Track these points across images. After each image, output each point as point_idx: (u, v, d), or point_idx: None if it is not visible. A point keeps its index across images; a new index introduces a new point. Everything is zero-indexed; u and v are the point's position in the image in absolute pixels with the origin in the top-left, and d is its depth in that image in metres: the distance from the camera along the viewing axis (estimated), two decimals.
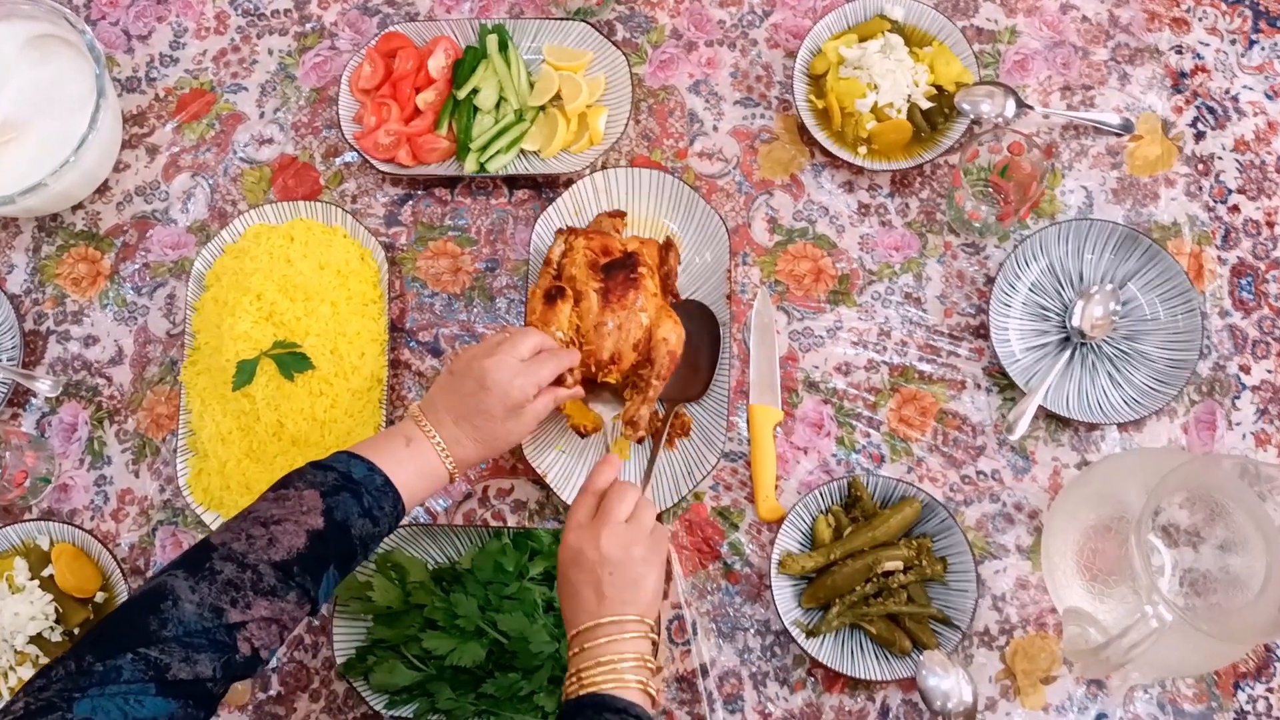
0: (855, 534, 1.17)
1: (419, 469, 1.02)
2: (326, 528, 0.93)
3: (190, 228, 1.39)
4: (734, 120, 1.37)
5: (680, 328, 1.18)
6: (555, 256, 1.22)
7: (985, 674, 1.16)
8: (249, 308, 1.24)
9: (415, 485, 1.01)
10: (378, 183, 1.38)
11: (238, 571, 0.89)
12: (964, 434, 1.24)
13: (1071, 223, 1.26)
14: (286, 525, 0.92)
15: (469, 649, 1.13)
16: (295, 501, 0.94)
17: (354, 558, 0.97)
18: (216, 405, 1.25)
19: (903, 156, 1.31)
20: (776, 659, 1.18)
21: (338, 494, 0.95)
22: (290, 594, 0.90)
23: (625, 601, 0.95)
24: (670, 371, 1.17)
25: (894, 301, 1.29)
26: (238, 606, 0.87)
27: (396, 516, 1.00)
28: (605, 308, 1.17)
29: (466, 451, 1.05)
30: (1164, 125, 1.33)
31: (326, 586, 0.94)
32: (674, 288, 1.24)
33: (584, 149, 1.34)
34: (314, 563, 0.92)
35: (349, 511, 0.95)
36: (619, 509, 0.99)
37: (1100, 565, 1.09)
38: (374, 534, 0.98)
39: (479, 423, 1.05)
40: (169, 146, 1.42)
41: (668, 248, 1.25)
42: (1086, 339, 1.23)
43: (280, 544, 0.91)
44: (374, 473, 0.99)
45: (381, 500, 0.98)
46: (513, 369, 1.05)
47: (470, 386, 1.05)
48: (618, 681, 0.91)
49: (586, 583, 0.96)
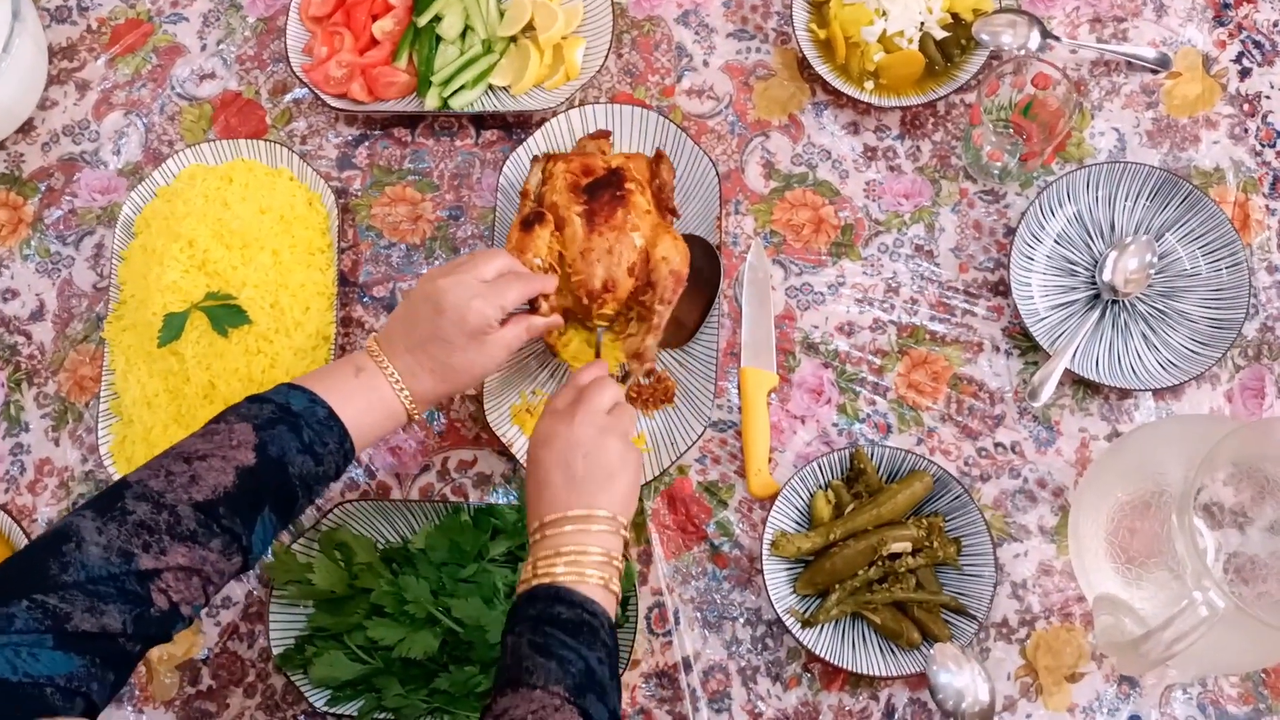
0: (858, 512, 1.05)
1: (370, 402, 0.91)
2: (259, 464, 0.83)
3: (122, 170, 1.26)
4: (726, 54, 1.24)
5: (682, 243, 1.07)
6: (533, 186, 1.12)
7: (1003, 670, 1.05)
8: (179, 256, 1.12)
9: (365, 421, 0.91)
10: (330, 122, 1.25)
11: (152, 512, 0.78)
12: (981, 402, 1.11)
13: (1103, 166, 1.13)
14: (212, 461, 0.82)
15: (420, 639, 1.01)
16: (224, 435, 0.84)
17: (294, 500, 0.86)
18: (142, 365, 1.12)
19: (914, 92, 1.18)
20: (768, 652, 1.06)
21: (273, 427, 0.85)
22: (214, 541, 0.80)
23: (597, 491, 0.87)
24: (676, 294, 1.06)
25: (903, 254, 1.16)
26: (150, 552, 0.77)
27: (344, 455, 0.89)
28: (591, 232, 1.05)
29: (423, 384, 0.94)
30: (1205, 61, 1.21)
31: (262, 534, 0.84)
32: (671, 203, 1.12)
33: (559, 84, 1.22)
34: (245, 505, 0.82)
35: (286, 447, 0.85)
36: (600, 398, 0.92)
37: (1137, 547, 0.97)
38: (317, 474, 0.87)
39: (435, 350, 0.93)
40: (101, 82, 1.30)
41: (659, 159, 1.13)
42: (1119, 296, 1.11)
43: (204, 482, 0.81)
44: (316, 404, 0.88)
45: (325, 435, 0.87)
46: (471, 289, 0.93)
47: (426, 310, 0.94)
48: (578, 575, 0.84)
49: (556, 465, 0.88)
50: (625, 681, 1.06)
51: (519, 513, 1.06)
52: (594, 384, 0.94)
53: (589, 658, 0.80)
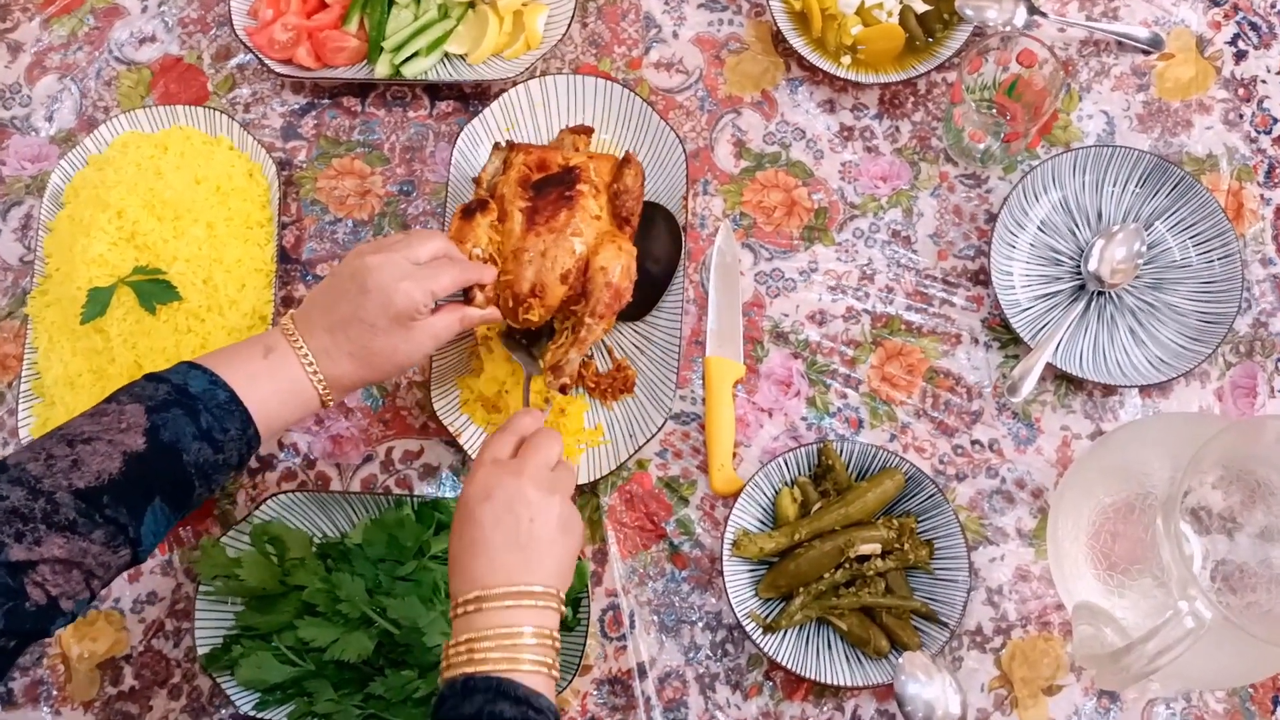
0: (825, 511, 1.00)
1: (278, 386, 0.84)
2: (149, 449, 0.77)
3: (54, 138, 1.19)
4: (697, 26, 1.17)
5: (628, 257, 1.00)
6: (487, 175, 1.05)
7: (976, 681, 0.99)
8: (107, 226, 1.05)
9: (272, 406, 0.84)
10: (275, 89, 1.18)
11: (27, 498, 0.73)
12: (958, 397, 1.05)
13: (1090, 150, 1.07)
14: (97, 445, 0.76)
15: (354, 641, 0.95)
16: (114, 417, 0.78)
17: (189, 489, 0.80)
18: (66, 343, 1.05)
19: (893, 69, 1.12)
20: (728, 659, 1.00)
21: (167, 410, 0.79)
22: (96, 531, 0.74)
23: (542, 559, 0.79)
24: (611, 310, 0.99)
25: (879, 240, 1.10)
26: (23, 542, 0.71)
27: (247, 443, 0.83)
28: (529, 231, 0.98)
29: (340, 367, 0.87)
30: (1199, 42, 1.15)
31: (154, 526, 0.78)
32: (629, 212, 1.03)
33: (519, 54, 1.15)
34: (132, 494, 0.76)
35: (180, 431, 0.79)
36: (548, 451, 0.84)
37: (1120, 553, 0.92)
38: (216, 462, 0.81)
39: (355, 333, 0.86)
40: (34, 44, 1.23)
41: (625, 163, 1.05)
42: (1105, 287, 1.05)
43: (86, 467, 0.75)
44: (217, 386, 0.82)
45: (225, 420, 0.81)
46: (401, 270, 0.86)
47: (350, 288, 0.87)
48: (517, 662, 0.76)
49: (498, 526, 0.79)
50: (575, 688, 1.00)
51: None
52: (540, 436, 0.85)
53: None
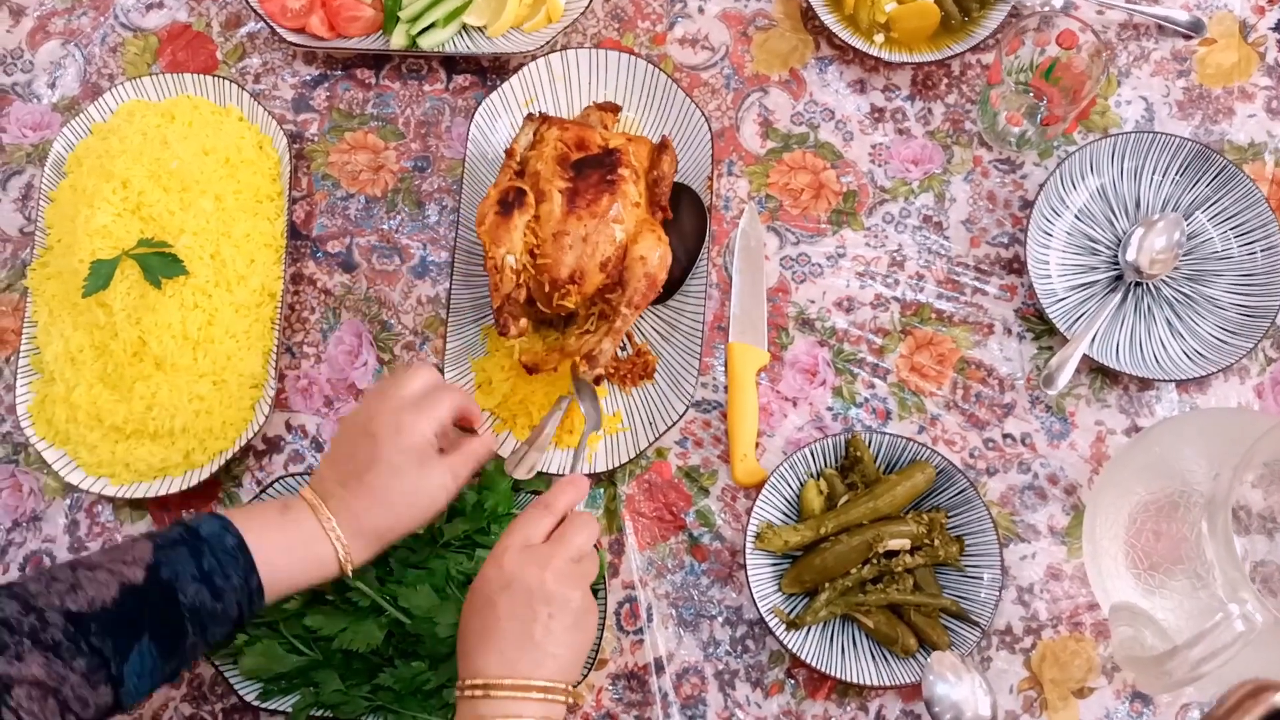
0: (852, 504, 0.96)
1: (290, 541, 0.81)
2: (146, 584, 0.75)
3: (57, 105, 1.15)
4: (724, 1, 1.14)
5: (664, 246, 0.96)
6: (520, 147, 1.00)
7: (1006, 682, 0.96)
8: (111, 197, 1.01)
9: (281, 561, 0.80)
10: (287, 59, 1.14)
11: (19, 612, 0.71)
12: (989, 388, 1.02)
13: (1130, 136, 1.03)
14: (98, 573, 0.74)
15: (363, 630, 0.92)
16: (123, 550, 0.76)
17: (180, 635, 0.75)
18: (67, 317, 1.01)
19: (927, 48, 1.08)
20: (749, 655, 0.96)
21: (173, 548, 0.77)
22: (79, 660, 0.70)
23: (552, 658, 0.77)
24: (647, 300, 0.96)
25: (910, 225, 1.06)
26: (5, 654, 0.68)
27: (249, 595, 0.78)
28: (570, 214, 0.94)
29: (360, 520, 0.82)
30: (1242, 27, 1.11)
31: (139, 667, 0.73)
32: (664, 200, 1.00)
33: (540, 27, 1.11)
34: (122, 627, 0.73)
35: (180, 570, 0.76)
36: (577, 542, 0.81)
37: (1161, 552, 0.88)
38: (213, 610, 0.77)
39: (371, 478, 0.83)
40: (37, 7, 1.19)
41: (662, 149, 1.02)
42: (1143, 278, 1.02)
43: (83, 592, 0.73)
44: (226, 532, 0.78)
45: (227, 567, 0.77)
46: (399, 406, 0.85)
47: (356, 438, 0.85)
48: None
49: (513, 619, 0.77)
50: (590, 682, 0.96)
51: (479, 494, 0.96)
52: (574, 523, 0.82)
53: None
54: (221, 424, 1.00)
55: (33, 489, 1.04)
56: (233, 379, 1.00)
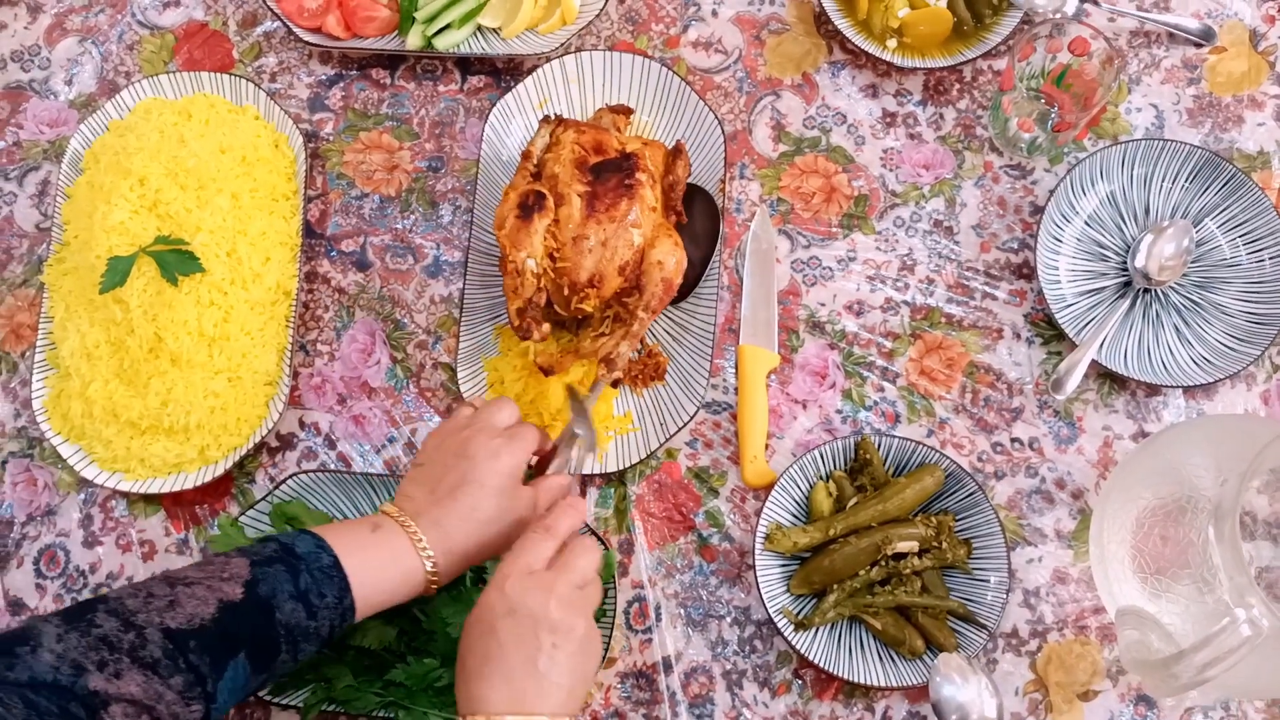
0: (861, 506, 0.97)
1: (383, 560, 0.80)
2: (245, 602, 0.75)
3: (73, 102, 1.16)
4: (738, 4, 1.15)
5: (681, 251, 0.97)
6: (536, 150, 1.01)
7: (1012, 685, 0.97)
8: (128, 194, 1.02)
9: (375, 579, 0.79)
10: (303, 59, 1.15)
11: (119, 629, 0.71)
12: (998, 393, 1.03)
13: (1140, 143, 1.04)
14: (196, 590, 0.75)
15: (375, 627, 0.92)
16: (219, 566, 0.76)
17: (274, 651, 0.76)
18: (83, 313, 1.02)
19: (939, 54, 1.09)
20: (757, 655, 0.97)
21: (270, 565, 0.77)
22: (175, 677, 0.71)
23: (555, 687, 0.74)
24: (663, 304, 0.97)
25: (920, 230, 1.07)
26: (105, 671, 0.69)
27: (341, 614, 0.78)
28: (589, 218, 0.95)
29: (451, 538, 0.82)
30: (1252, 36, 1.12)
31: (232, 684, 0.74)
32: (678, 204, 1.01)
33: (554, 29, 1.12)
34: (219, 643, 0.73)
35: (277, 588, 0.76)
36: (580, 566, 0.78)
37: (1167, 557, 0.89)
38: (307, 629, 0.77)
39: (464, 495, 0.82)
40: (54, 5, 1.19)
41: (677, 154, 1.03)
42: (1151, 284, 1.02)
43: (181, 608, 0.73)
44: (323, 551, 0.78)
45: (323, 585, 0.77)
46: (492, 431, 0.86)
47: (449, 460, 0.85)
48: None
49: (518, 647, 0.74)
50: (599, 680, 0.97)
51: None
52: (577, 546, 0.79)
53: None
54: (236, 420, 1.01)
55: (47, 483, 1.05)
56: (247, 376, 1.01)
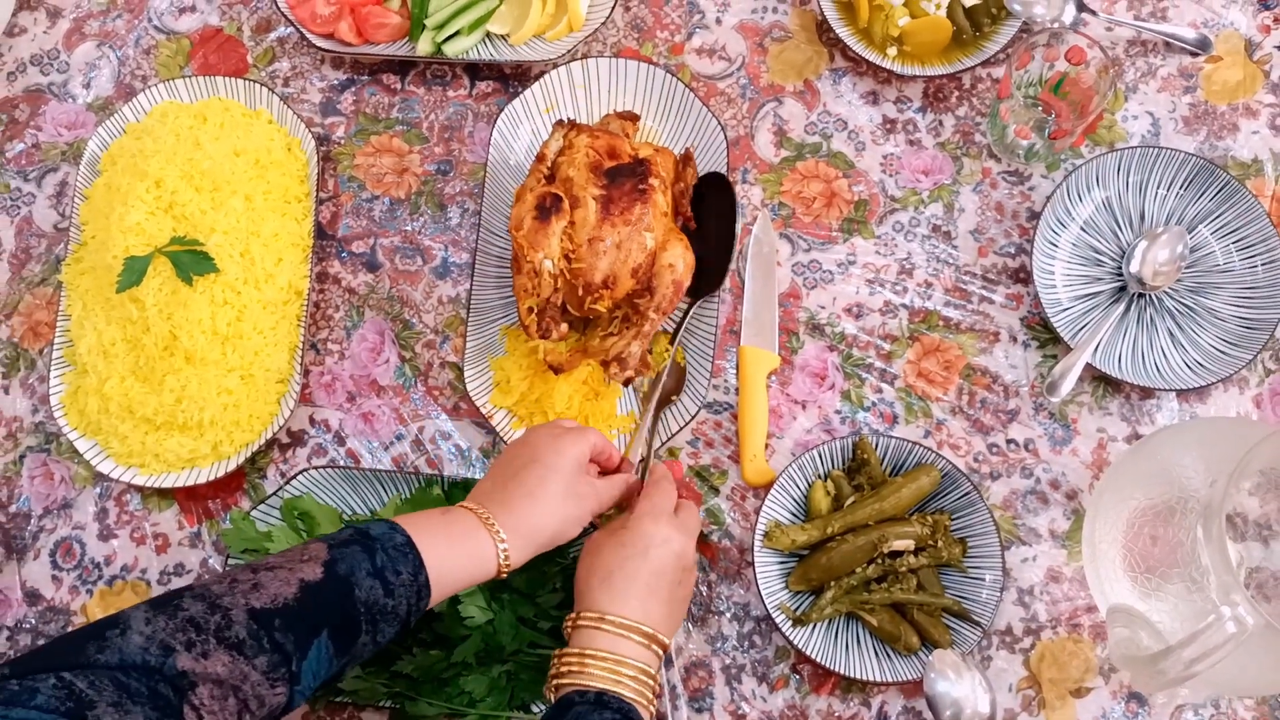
0: (858, 505, 0.98)
1: (453, 538, 0.82)
2: (325, 580, 0.77)
3: (91, 105, 1.18)
4: (741, 12, 1.16)
5: (690, 254, 1.00)
6: (550, 153, 1.03)
7: (1005, 681, 0.98)
8: (144, 195, 1.04)
9: (446, 558, 0.81)
10: (315, 64, 1.17)
11: (205, 611, 0.73)
12: (994, 395, 1.04)
13: (1135, 150, 1.06)
14: (279, 572, 0.77)
15: None
16: (298, 551, 0.79)
17: (356, 631, 0.78)
18: (100, 311, 1.04)
19: (939, 62, 1.11)
20: (755, 650, 0.99)
21: (347, 546, 0.79)
22: (260, 657, 0.73)
23: (670, 617, 0.88)
24: (673, 305, 0.99)
25: (919, 234, 1.09)
26: (192, 651, 0.71)
27: (417, 592, 0.80)
28: (605, 220, 0.97)
29: (518, 518, 0.85)
30: (1248, 46, 1.13)
31: (315, 664, 0.76)
32: (687, 208, 1.04)
33: (561, 36, 1.14)
34: (302, 623, 0.75)
35: (355, 566, 0.78)
36: (694, 521, 0.93)
37: (1157, 556, 0.90)
38: (385, 607, 0.78)
39: (527, 477, 0.86)
40: (74, 10, 1.22)
41: (686, 161, 1.05)
42: (1146, 289, 1.04)
43: (265, 590, 0.75)
44: (395, 531, 0.81)
45: (398, 563, 0.79)
46: (555, 428, 0.92)
47: (514, 452, 0.90)
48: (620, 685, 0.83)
49: (663, 574, 0.87)
50: None
51: None
52: (689, 505, 0.93)
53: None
54: (248, 417, 1.03)
55: (64, 477, 1.07)
56: (259, 374, 1.03)
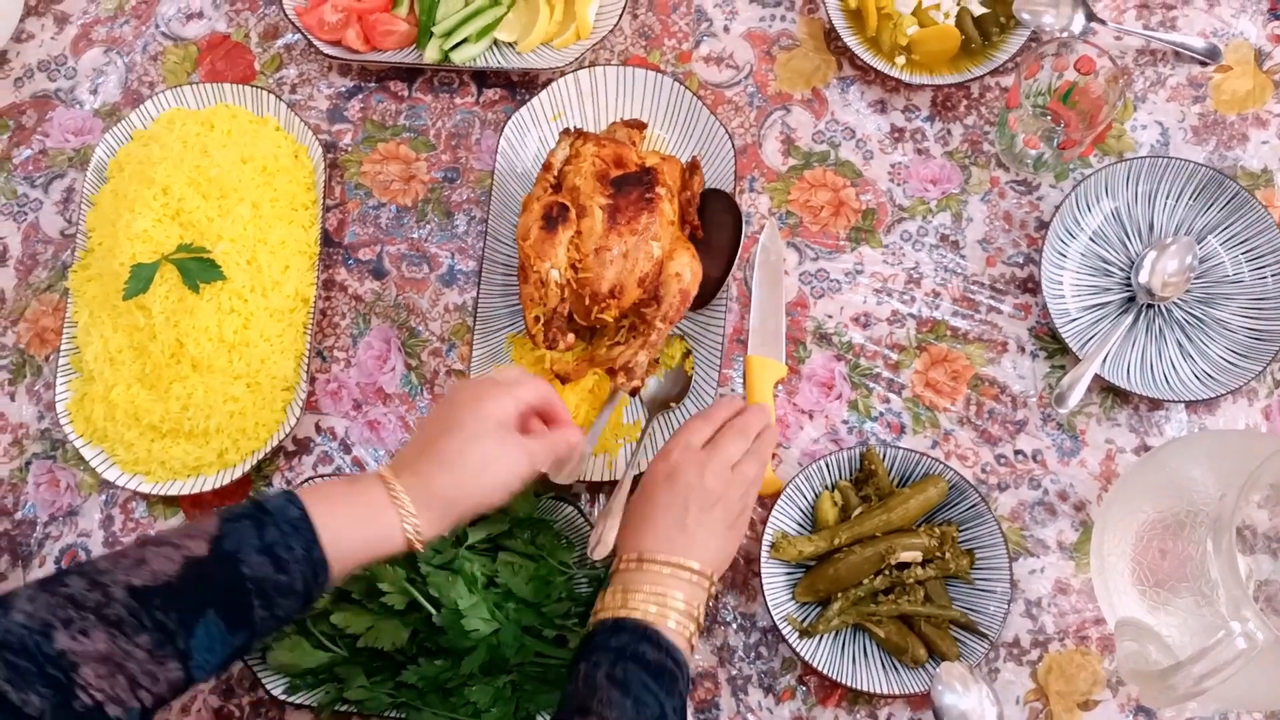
0: (866, 516, 0.98)
1: (357, 516, 0.79)
2: (210, 557, 0.74)
3: (98, 111, 1.18)
4: (749, 21, 1.16)
5: (698, 263, 1.00)
6: (557, 162, 1.03)
7: (1012, 694, 0.98)
8: (151, 203, 1.04)
9: (347, 534, 0.78)
10: (323, 71, 1.17)
11: (86, 588, 0.71)
12: (1002, 405, 1.04)
13: (1145, 160, 1.05)
14: (164, 549, 0.74)
15: (388, 629, 0.94)
16: (190, 525, 0.77)
17: (247, 608, 0.74)
18: (106, 318, 1.04)
19: (947, 71, 1.10)
20: (762, 661, 0.99)
21: (238, 521, 0.76)
22: (142, 635, 0.70)
23: (702, 546, 0.86)
24: (680, 314, 0.99)
25: (927, 244, 1.09)
26: (70, 629, 0.69)
27: (313, 567, 0.76)
28: (611, 229, 0.97)
29: (432, 488, 0.81)
30: (1258, 55, 1.13)
31: (207, 641, 0.73)
32: (694, 217, 1.04)
33: (569, 43, 1.14)
34: (186, 601, 0.72)
35: (243, 543, 0.74)
36: (730, 450, 0.90)
37: (1166, 569, 0.90)
38: (278, 582, 0.75)
39: (445, 444, 0.82)
40: (81, 16, 1.22)
41: (693, 170, 1.05)
42: (1155, 300, 1.03)
43: (147, 567, 0.73)
44: (291, 504, 0.77)
45: (290, 539, 0.75)
46: (484, 382, 0.87)
47: (439, 409, 0.86)
48: (663, 618, 0.82)
49: (669, 510, 0.87)
50: None
51: None
52: (729, 431, 0.90)
53: (665, 705, 0.78)
54: (254, 425, 1.03)
55: (69, 484, 1.07)
56: (266, 381, 1.03)
